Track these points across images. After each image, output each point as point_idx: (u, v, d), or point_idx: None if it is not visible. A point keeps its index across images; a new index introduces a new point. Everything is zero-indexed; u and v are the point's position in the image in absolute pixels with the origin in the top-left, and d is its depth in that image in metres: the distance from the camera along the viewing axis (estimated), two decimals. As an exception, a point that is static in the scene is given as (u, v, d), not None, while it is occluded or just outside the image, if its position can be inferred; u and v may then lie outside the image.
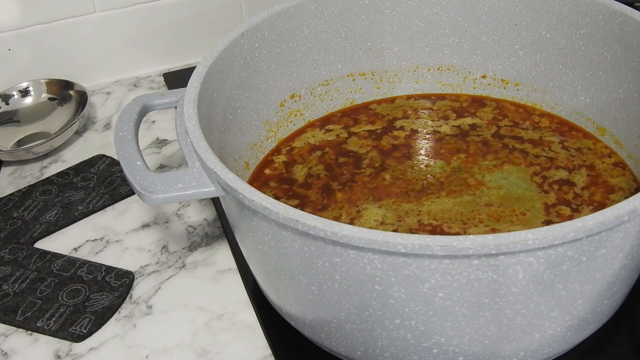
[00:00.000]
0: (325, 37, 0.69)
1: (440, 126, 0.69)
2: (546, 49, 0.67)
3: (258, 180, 0.65)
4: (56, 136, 0.78)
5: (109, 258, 0.65)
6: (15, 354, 0.58)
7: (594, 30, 0.63)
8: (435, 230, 0.57)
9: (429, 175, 0.63)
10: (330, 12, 0.68)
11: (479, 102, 0.72)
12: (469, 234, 0.52)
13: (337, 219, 0.59)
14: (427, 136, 0.69)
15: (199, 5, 0.92)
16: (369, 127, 0.70)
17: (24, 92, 0.85)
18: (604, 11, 0.61)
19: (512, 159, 0.64)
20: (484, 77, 0.72)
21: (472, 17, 0.70)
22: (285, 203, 0.53)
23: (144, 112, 0.58)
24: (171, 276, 0.63)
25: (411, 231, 0.57)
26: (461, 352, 0.46)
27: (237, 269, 0.63)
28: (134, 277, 0.63)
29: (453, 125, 0.69)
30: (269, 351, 0.55)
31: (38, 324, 0.59)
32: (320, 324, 0.50)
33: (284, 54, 0.67)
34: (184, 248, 0.66)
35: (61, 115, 0.83)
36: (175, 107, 0.58)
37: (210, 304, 0.60)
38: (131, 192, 0.72)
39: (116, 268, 0.64)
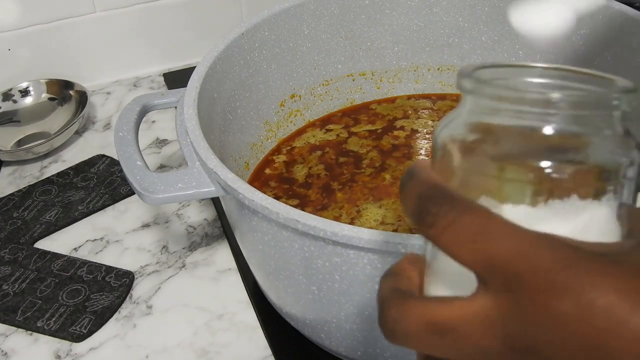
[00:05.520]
0: (325, 37, 0.69)
1: (440, 126, 0.69)
2: (546, 49, 0.67)
3: (258, 179, 0.64)
4: (56, 136, 0.78)
5: (109, 258, 0.65)
6: (15, 354, 0.58)
7: (594, 30, 0.63)
8: (435, 230, 0.57)
9: (429, 175, 0.63)
10: (330, 12, 0.68)
11: (479, 102, 0.72)
12: (469, 234, 0.52)
13: (337, 219, 0.59)
14: (428, 136, 0.68)
15: (199, 5, 0.92)
16: (369, 127, 0.70)
17: (24, 92, 0.85)
18: (604, 11, 0.61)
19: (512, 159, 0.64)
20: (484, 77, 0.72)
21: (472, 17, 0.70)
22: (286, 203, 0.53)
23: (144, 112, 0.58)
24: (171, 276, 0.63)
25: (411, 231, 0.57)
26: (461, 352, 0.46)
27: (237, 269, 0.63)
28: (134, 277, 0.63)
29: (453, 125, 0.69)
30: (269, 351, 0.55)
31: (38, 324, 0.59)
32: (320, 324, 0.50)
33: (284, 54, 0.67)
34: (184, 248, 0.66)
35: (61, 115, 0.83)
36: (175, 107, 0.58)
37: (210, 304, 0.60)
38: (131, 192, 0.72)
39: (116, 268, 0.64)
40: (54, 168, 0.78)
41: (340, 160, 0.66)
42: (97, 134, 0.83)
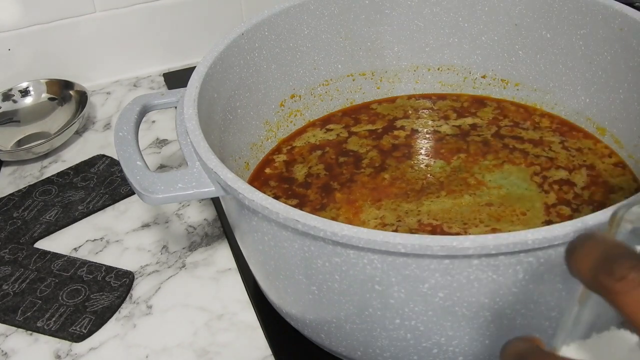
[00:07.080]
0: (325, 37, 0.69)
1: (440, 126, 0.69)
2: (546, 49, 0.67)
3: (258, 179, 0.65)
4: (56, 136, 0.78)
5: (109, 258, 0.65)
6: (15, 354, 0.58)
7: (594, 30, 0.63)
8: (435, 230, 0.57)
9: (429, 175, 0.63)
10: (330, 12, 0.68)
11: (479, 102, 0.72)
12: (470, 234, 0.52)
13: (335, 218, 0.59)
14: (428, 136, 0.69)
15: (199, 5, 0.92)
16: (370, 126, 0.70)
17: (24, 92, 0.85)
18: (604, 11, 0.61)
19: (512, 158, 0.64)
20: (484, 77, 0.72)
21: (472, 17, 0.70)
22: (285, 203, 0.53)
23: (144, 112, 0.58)
24: (171, 276, 0.63)
25: (411, 231, 0.57)
26: (461, 352, 0.46)
27: (237, 269, 0.63)
28: (134, 277, 0.63)
29: (453, 125, 0.69)
30: (269, 351, 0.55)
31: (38, 324, 0.59)
32: (320, 324, 0.50)
33: (284, 54, 0.67)
34: (184, 248, 0.66)
35: (61, 115, 0.83)
36: (175, 107, 0.58)
37: (210, 304, 0.60)
38: (131, 192, 0.72)
39: (116, 268, 0.64)
40: (54, 168, 0.78)
41: (340, 160, 0.66)
42: (97, 134, 0.83)
